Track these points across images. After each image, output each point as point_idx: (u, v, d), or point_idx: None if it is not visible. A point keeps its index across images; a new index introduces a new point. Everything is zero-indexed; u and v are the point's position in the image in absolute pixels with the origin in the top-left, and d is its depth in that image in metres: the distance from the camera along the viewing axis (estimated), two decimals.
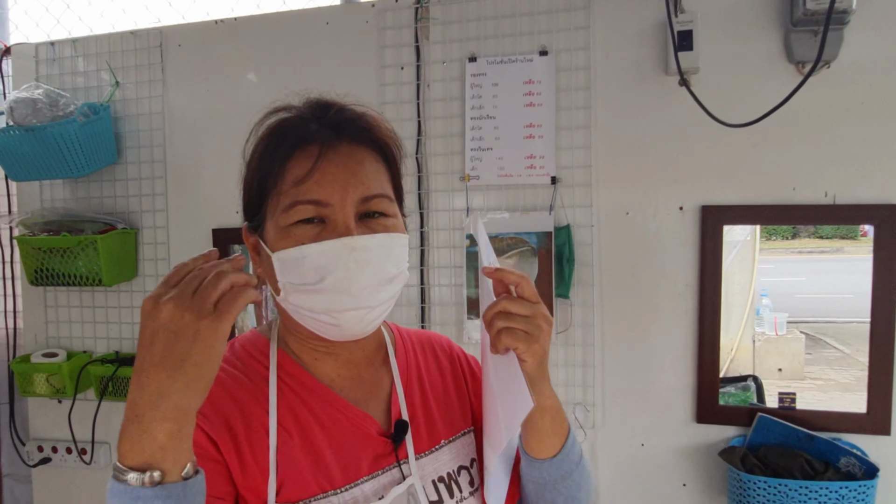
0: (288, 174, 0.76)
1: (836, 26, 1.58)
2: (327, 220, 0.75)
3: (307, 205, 0.74)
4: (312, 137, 0.77)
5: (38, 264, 2.08)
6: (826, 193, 1.68)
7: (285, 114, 0.80)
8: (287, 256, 0.74)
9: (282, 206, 0.75)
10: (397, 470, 0.82)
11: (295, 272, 0.74)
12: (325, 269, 0.72)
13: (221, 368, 0.80)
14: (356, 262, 0.72)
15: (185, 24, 2.15)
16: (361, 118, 0.80)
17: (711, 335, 1.75)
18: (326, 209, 0.74)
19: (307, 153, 0.76)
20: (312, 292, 0.73)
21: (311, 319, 0.76)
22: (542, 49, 1.84)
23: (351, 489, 0.78)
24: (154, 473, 0.60)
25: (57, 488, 2.30)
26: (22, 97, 1.95)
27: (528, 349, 0.74)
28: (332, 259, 0.72)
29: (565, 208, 1.84)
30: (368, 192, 0.76)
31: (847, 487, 1.53)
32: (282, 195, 0.76)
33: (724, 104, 1.62)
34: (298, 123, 0.79)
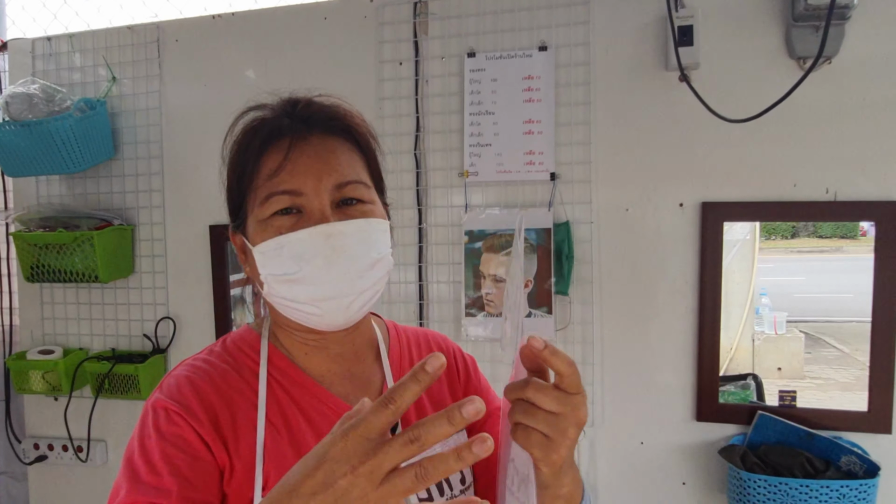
0: (262, 169, 0.77)
1: (837, 21, 1.57)
2: (303, 210, 0.75)
3: (282, 195, 0.74)
4: (283, 132, 0.78)
5: (33, 260, 2.06)
6: (827, 190, 1.67)
7: (257, 112, 0.82)
8: (266, 248, 0.75)
9: (258, 199, 0.76)
10: None
11: (275, 263, 0.74)
12: (303, 258, 0.72)
13: (211, 363, 0.81)
14: (333, 248, 0.72)
15: (182, 19, 2.13)
16: (330, 109, 0.81)
17: (711, 333, 1.74)
18: (301, 198, 0.75)
19: (279, 147, 0.77)
20: (293, 282, 0.74)
21: (294, 311, 0.77)
22: (542, 44, 1.83)
23: None
24: None
25: (53, 486, 2.28)
26: (18, 92, 1.94)
27: (544, 458, 0.63)
28: (310, 247, 0.72)
29: (564, 205, 1.83)
30: (342, 178, 0.76)
31: (848, 486, 1.52)
32: (258, 189, 0.77)
33: (725, 100, 1.61)
34: (270, 120, 0.80)
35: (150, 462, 0.72)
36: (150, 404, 0.77)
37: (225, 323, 2.10)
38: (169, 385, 0.78)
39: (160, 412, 0.75)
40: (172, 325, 2.13)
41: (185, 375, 0.79)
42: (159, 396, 0.76)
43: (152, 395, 0.78)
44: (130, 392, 2.06)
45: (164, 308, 2.14)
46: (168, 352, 2.14)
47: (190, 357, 0.84)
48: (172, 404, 0.75)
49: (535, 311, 1.82)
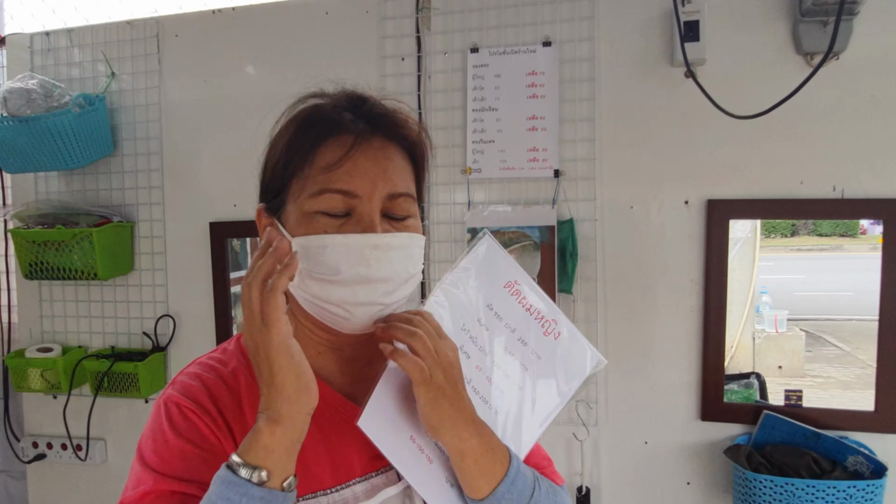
0: (318, 160, 0.74)
1: (845, 17, 1.55)
2: (352, 212, 0.74)
3: (336, 194, 0.73)
4: (346, 127, 0.75)
5: (32, 258, 2.05)
6: (834, 188, 1.66)
7: (319, 100, 0.79)
8: (308, 244, 0.73)
9: (308, 191, 0.74)
10: (393, 472, 0.81)
11: (315, 260, 0.73)
12: (345, 262, 0.72)
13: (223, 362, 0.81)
14: (377, 259, 0.72)
15: (182, 13, 2.11)
16: (395, 114, 0.79)
17: (716, 331, 1.73)
18: (354, 200, 0.73)
19: (340, 142, 0.74)
20: (329, 283, 0.72)
21: (321, 309, 0.75)
22: (546, 40, 1.81)
23: (341, 490, 0.77)
24: (262, 472, 0.65)
25: (52, 484, 2.27)
26: (16, 87, 1.92)
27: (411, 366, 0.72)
28: (354, 253, 0.72)
29: (568, 202, 1.81)
30: (395, 189, 0.75)
31: (855, 487, 1.51)
32: (308, 179, 0.74)
33: (731, 96, 1.59)
34: (332, 111, 0.77)
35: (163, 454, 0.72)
36: (162, 400, 0.77)
37: (225, 321, 2.08)
38: (181, 382, 0.78)
39: (172, 407, 0.75)
40: (172, 323, 2.12)
41: (196, 373, 0.79)
42: (171, 393, 0.77)
43: (164, 391, 0.78)
44: (130, 390, 2.05)
45: (164, 306, 2.13)
46: (168, 350, 2.12)
47: (204, 355, 0.83)
48: (184, 400, 0.75)
49: None
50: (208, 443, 0.73)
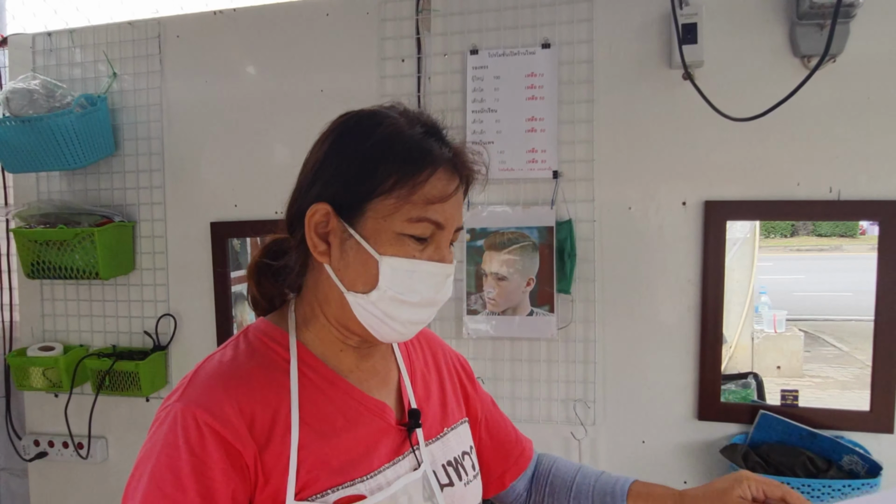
0: (427, 189, 0.78)
1: (842, 20, 1.56)
2: (432, 240, 0.80)
3: (430, 224, 0.79)
4: (446, 161, 0.81)
5: (34, 257, 2.06)
6: (831, 189, 1.67)
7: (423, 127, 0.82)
8: (399, 265, 0.78)
9: (407, 215, 0.77)
10: (412, 457, 0.86)
11: (400, 282, 0.78)
12: (425, 287, 0.79)
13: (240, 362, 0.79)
14: (445, 285, 0.82)
15: (183, 14, 2.12)
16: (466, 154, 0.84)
17: (714, 332, 1.74)
18: (439, 231, 0.80)
19: (441, 177, 0.79)
20: (403, 303, 0.78)
21: (380, 323, 0.80)
22: (545, 42, 1.82)
23: (375, 476, 0.80)
24: None
25: (53, 483, 2.28)
26: (18, 88, 1.93)
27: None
28: (433, 281, 0.80)
29: (567, 203, 1.83)
30: (460, 223, 0.84)
31: (850, 486, 1.52)
32: (408, 204, 0.77)
33: (729, 98, 1.60)
34: (432, 143, 0.81)
35: (178, 476, 0.70)
36: (179, 411, 0.73)
37: (226, 320, 2.09)
38: (199, 390, 0.75)
39: (190, 422, 0.72)
40: (173, 322, 2.13)
41: (216, 377, 0.77)
42: (189, 403, 0.73)
43: (179, 397, 0.75)
44: (131, 389, 2.06)
45: (165, 305, 2.14)
46: (169, 349, 2.14)
47: (217, 354, 0.81)
48: (203, 413, 0.72)
49: (537, 309, 1.81)
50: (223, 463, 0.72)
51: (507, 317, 1.84)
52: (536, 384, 1.86)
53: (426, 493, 0.84)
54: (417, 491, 0.83)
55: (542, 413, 1.85)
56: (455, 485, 0.88)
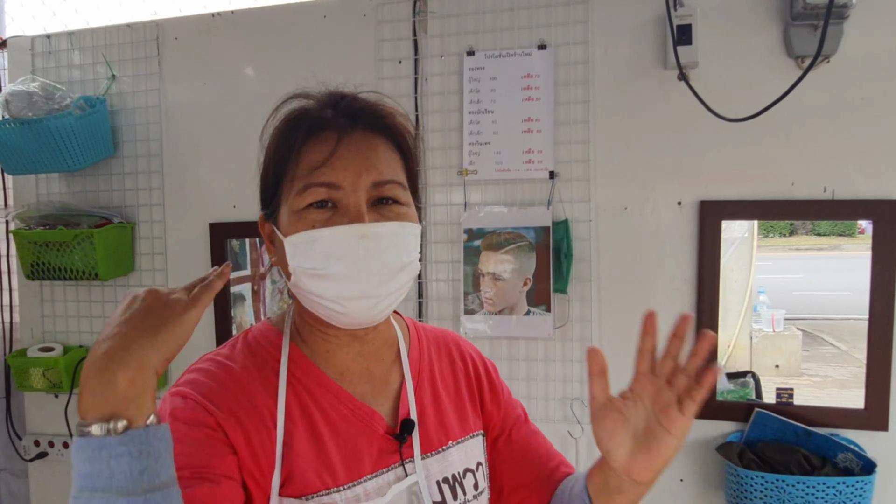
0: (304, 159, 0.76)
1: (835, 20, 1.57)
2: (339, 205, 0.74)
3: (319, 187, 0.74)
4: (328, 124, 0.77)
5: (34, 258, 2.07)
6: (825, 189, 1.68)
7: (301, 101, 0.80)
8: (298, 240, 0.74)
9: (295, 189, 0.75)
10: (401, 469, 0.81)
11: (305, 256, 0.74)
12: (334, 255, 0.72)
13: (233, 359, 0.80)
14: (366, 249, 0.72)
15: (181, 16, 2.13)
16: (376, 106, 0.80)
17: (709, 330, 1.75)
18: (338, 192, 0.74)
19: (323, 139, 0.76)
20: (322, 278, 0.73)
21: (319, 305, 0.76)
22: (541, 43, 1.83)
23: (353, 487, 0.77)
24: (118, 423, 0.60)
25: (53, 483, 2.29)
26: (18, 90, 1.94)
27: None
28: (343, 245, 0.72)
29: (563, 203, 1.84)
30: (381, 177, 0.76)
31: (844, 483, 1.53)
32: (296, 180, 0.75)
33: (724, 99, 1.61)
34: (314, 110, 0.78)
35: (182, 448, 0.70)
36: (169, 392, 0.76)
37: (225, 321, 2.10)
38: (190, 378, 0.77)
39: (178, 399, 0.74)
40: None
41: (206, 370, 0.78)
42: (179, 388, 0.76)
43: (171, 388, 0.77)
44: None
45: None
46: None
47: (211, 352, 0.82)
48: (193, 393, 0.74)
49: (533, 309, 1.82)
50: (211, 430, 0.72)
51: (504, 316, 1.85)
52: (533, 383, 1.87)
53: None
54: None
55: (539, 412, 1.86)
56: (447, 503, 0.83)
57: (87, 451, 0.60)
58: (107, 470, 0.59)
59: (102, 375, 0.61)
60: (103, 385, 0.61)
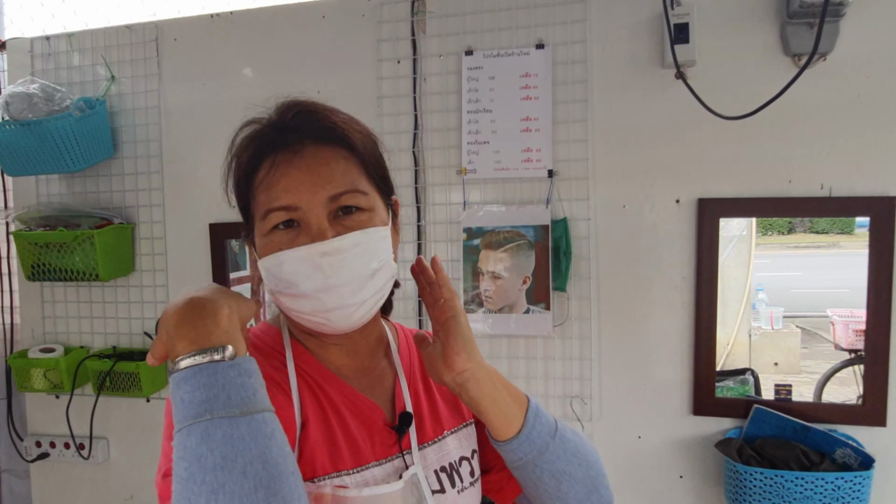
0: (259, 187, 0.78)
1: (832, 18, 1.58)
2: (301, 223, 0.76)
3: (278, 211, 0.76)
4: (275, 146, 0.78)
5: (34, 259, 2.07)
6: (822, 186, 1.69)
7: (252, 127, 0.81)
8: (268, 264, 0.77)
9: (259, 214, 0.78)
10: (400, 460, 0.84)
11: (277, 278, 0.77)
12: (301, 275, 0.75)
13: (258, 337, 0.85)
14: (331, 265, 0.74)
15: (180, 18, 2.14)
16: (320, 116, 0.80)
17: (708, 328, 1.76)
18: (297, 213, 0.75)
19: (272, 162, 0.77)
20: (295, 297, 0.76)
21: (302, 319, 0.79)
22: (539, 42, 1.84)
23: (362, 471, 0.80)
24: (226, 351, 0.66)
25: (55, 483, 2.30)
26: (17, 92, 1.94)
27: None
28: (307, 265, 0.74)
29: (562, 201, 1.85)
30: (336, 189, 0.76)
31: (843, 478, 1.54)
32: (258, 206, 0.78)
33: (721, 97, 1.62)
34: (261, 135, 0.80)
35: None
36: None
37: None
38: None
39: None
40: None
41: None
42: None
43: None
44: (132, 390, 2.07)
45: (165, 306, 2.15)
46: None
47: None
48: None
49: (533, 307, 1.83)
50: None
51: (504, 315, 1.86)
52: (533, 381, 1.88)
53: (415, 497, 0.82)
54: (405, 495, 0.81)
55: None
56: (447, 492, 0.85)
57: (200, 377, 0.64)
58: (223, 393, 0.63)
59: (202, 313, 0.68)
60: (206, 320, 0.67)
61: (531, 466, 0.85)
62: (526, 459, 0.84)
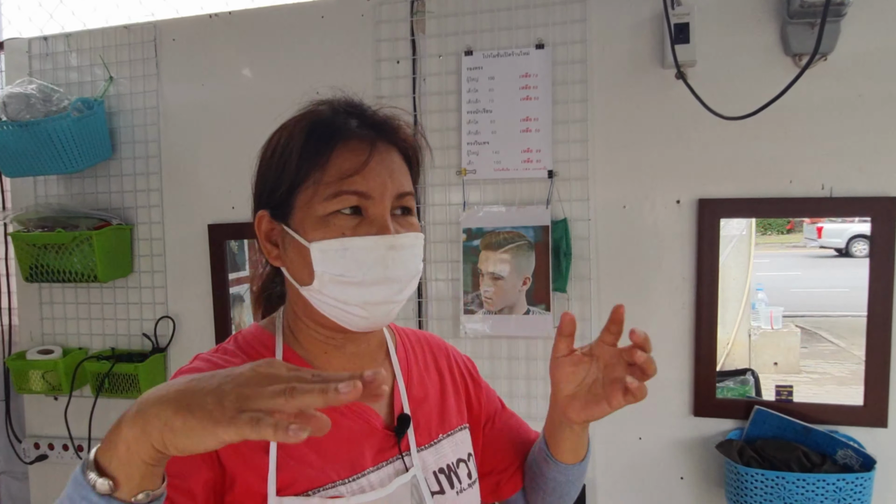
0: (332, 166, 0.77)
1: (832, 18, 1.58)
2: (365, 213, 0.77)
3: (351, 195, 0.76)
4: (356, 133, 0.79)
5: (32, 261, 2.07)
6: (823, 186, 1.68)
7: (321, 107, 0.82)
8: (328, 247, 0.75)
9: (322, 195, 0.76)
10: (400, 462, 0.84)
11: (334, 263, 0.75)
12: (364, 264, 0.75)
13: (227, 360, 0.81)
14: (394, 259, 0.76)
15: (179, 18, 2.13)
16: (393, 120, 0.84)
17: (709, 328, 1.76)
18: (367, 201, 0.76)
19: (352, 148, 0.78)
20: (349, 284, 0.75)
21: (340, 311, 0.78)
22: (539, 42, 1.84)
23: (357, 479, 0.79)
24: (106, 482, 0.57)
25: (53, 485, 2.29)
26: (15, 92, 1.93)
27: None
28: (374, 255, 0.75)
29: (562, 202, 1.84)
30: (402, 188, 0.80)
31: (844, 480, 1.53)
32: (322, 185, 0.76)
33: (721, 97, 1.62)
34: (338, 118, 0.80)
35: None
36: None
37: (224, 322, 2.10)
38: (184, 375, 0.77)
39: None
40: (172, 325, 2.14)
41: (199, 369, 0.78)
42: None
43: None
44: (130, 391, 2.07)
45: (164, 307, 2.15)
46: (168, 351, 2.15)
47: (205, 353, 0.83)
48: None
49: (533, 308, 1.83)
50: None
51: (504, 316, 1.86)
52: (533, 382, 1.88)
53: (415, 499, 0.82)
54: (405, 497, 0.81)
55: (539, 411, 1.86)
56: (446, 493, 0.86)
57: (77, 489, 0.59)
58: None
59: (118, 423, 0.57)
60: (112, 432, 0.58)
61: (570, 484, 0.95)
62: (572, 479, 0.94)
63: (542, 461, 0.94)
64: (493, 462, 1.01)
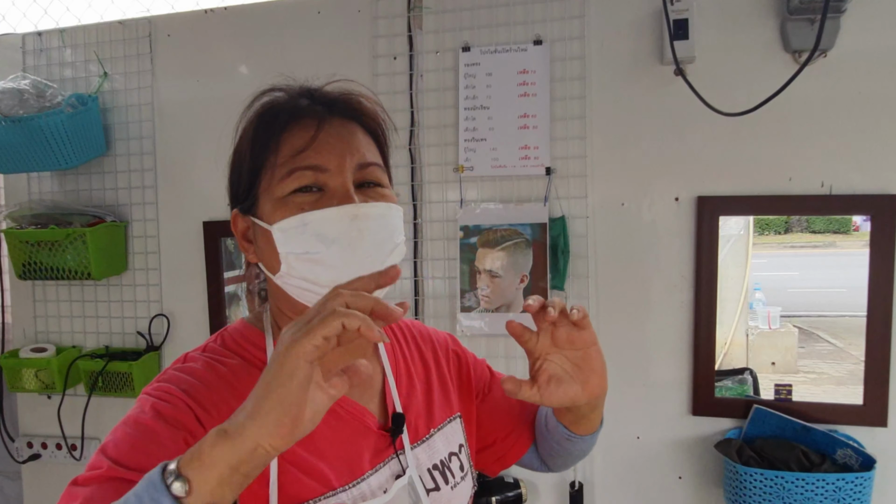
0: (284, 146, 0.75)
1: (832, 15, 1.57)
2: (325, 188, 0.74)
3: (305, 170, 0.73)
4: (306, 112, 0.77)
5: (25, 258, 2.05)
6: (822, 184, 1.67)
7: (275, 94, 0.81)
8: (288, 225, 0.72)
9: (279, 176, 0.75)
10: (396, 462, 0.83)
11: (297, 241, 0.72)
12: (327, 237, 0.71)
13: (215, 358, 0.79)
14: (359, 230, 0.71)
15: (174, 13, 2.11)
16: (349, 95, 0.81)
17: (707, 327, 1.74)
18: (324, 175, 0.74)
19: (303, 125, 0.76)
20: (315, 262, 0.72)
21: (311, 294, 0.74)
22: (537, 38, 1.82)
23: (358, 484, 0.78)
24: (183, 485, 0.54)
25: (47, 485, 2.27)
26: (8, 88, 1.92)
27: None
28: (336, 226, 0.71)
29: (560, 199, 1.83)
30: (364, 159, 0.76)
31: (844, 479, 1.52)
32: (278, 166, 0.75)
33: (720, 93, 1.60)
34: (290, 100, 0.79)
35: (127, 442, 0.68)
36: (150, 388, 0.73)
37: (219, 320, 2.09)
38: (171, 375, 0.75)
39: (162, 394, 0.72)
40: (166, 323, 2.12)
41: (188, 367, 0.76)
42: (161, 383, 0.73)
43: (151, 383, 0.75)
44: (124, 390, 2.05)
45: (158, 305, 2.13)
46: (162, 349, 2.13)
47: (192, 350, 0.81)
48: (176, 389, 0.72)
49: None
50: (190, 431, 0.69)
51: (501, 313, 1.84)
52: None
53: (412, 498, 0.81)
54: (403, 498, 0.80)
55: None
56: (441, 489, 0.85)
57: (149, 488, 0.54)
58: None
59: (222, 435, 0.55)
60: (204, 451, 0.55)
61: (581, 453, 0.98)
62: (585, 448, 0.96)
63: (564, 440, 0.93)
64: (494, 433, 0.99)
